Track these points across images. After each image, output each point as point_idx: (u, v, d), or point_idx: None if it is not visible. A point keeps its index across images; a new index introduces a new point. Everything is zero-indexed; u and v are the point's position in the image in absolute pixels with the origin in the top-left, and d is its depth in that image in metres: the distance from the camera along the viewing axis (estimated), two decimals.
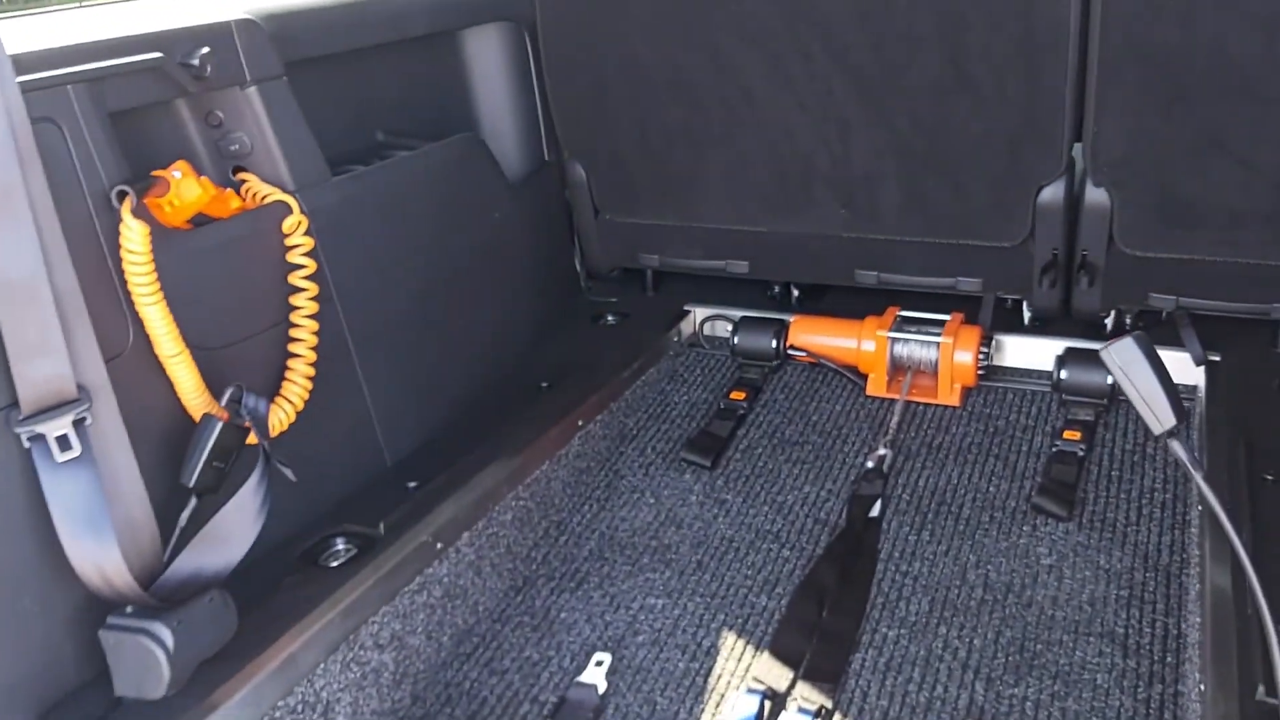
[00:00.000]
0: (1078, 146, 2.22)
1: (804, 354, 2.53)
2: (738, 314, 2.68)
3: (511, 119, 2.55)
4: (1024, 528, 2.00)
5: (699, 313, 2.74)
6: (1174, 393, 1.57)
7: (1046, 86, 2.13)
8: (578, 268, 2.82)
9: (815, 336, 2.53)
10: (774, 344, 2.54)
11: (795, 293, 2.75)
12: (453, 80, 2.47)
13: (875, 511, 2.07)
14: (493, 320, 2.34)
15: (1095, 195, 2.23)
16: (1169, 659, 1.70)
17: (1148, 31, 2.01)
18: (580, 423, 2.25)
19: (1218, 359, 2.28)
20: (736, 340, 2.57)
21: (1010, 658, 1.73)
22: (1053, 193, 2.26)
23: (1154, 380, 1.54)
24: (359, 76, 2.17)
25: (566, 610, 1.91)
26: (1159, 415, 1.55)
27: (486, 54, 2.49)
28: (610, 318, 2.71)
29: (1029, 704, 1.64)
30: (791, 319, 2.57)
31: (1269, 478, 1.81)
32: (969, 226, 2.36)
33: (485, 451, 2.01)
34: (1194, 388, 2.30)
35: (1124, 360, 1.51)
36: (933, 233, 2.40)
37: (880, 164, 2.34)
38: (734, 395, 2.46)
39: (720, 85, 2.36)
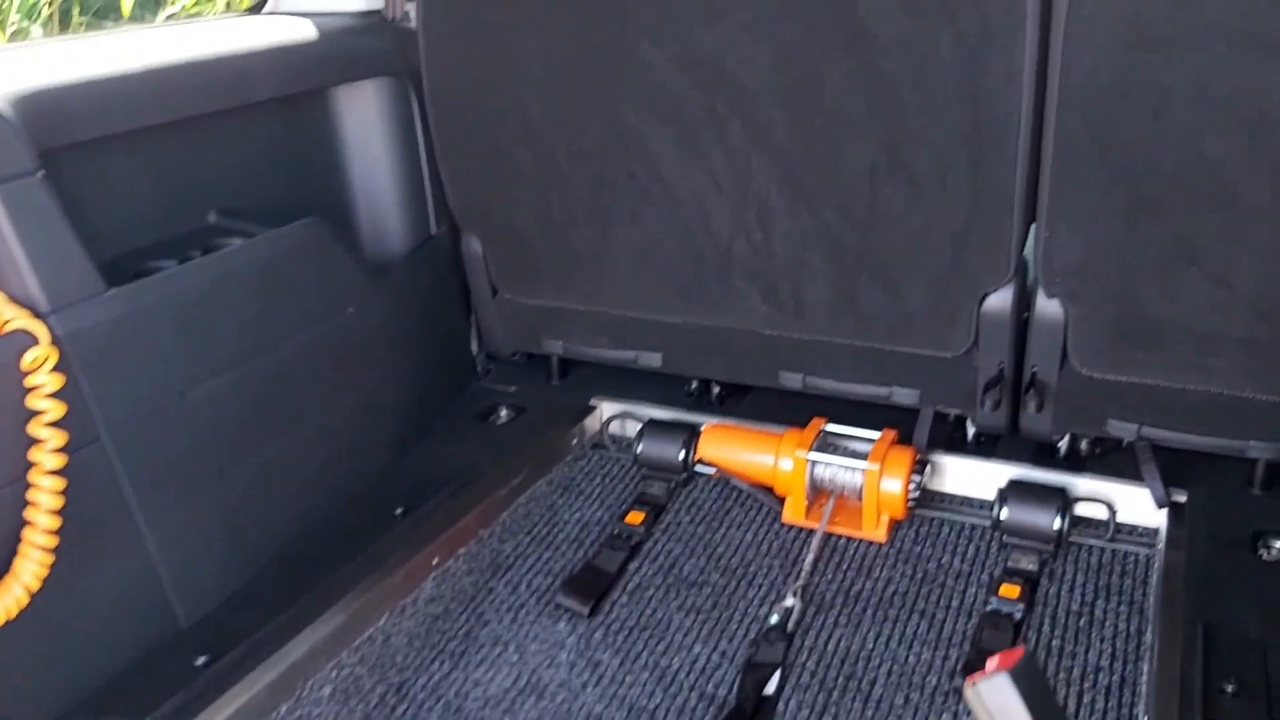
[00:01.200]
0: (1030, 249, 1.90)
1: (714, 470, 2.21)
2: (650, 412, 2.36)
3: (393, 188, 2.23)
4: (943, 716, 1.68)
5: (606, 409, 2.42)
6: None
7: (994, 182, 1.80)
8: (473, 351, 2.49)
9: (728, 450, 2.20)
10: (682, 455, 2.21)
11: (716, 389, 2.43)
12: (319, 146, 2.15)
13: (772, 686, 1.74)
14: (341, 436, 2.01)
15: (1048, 307, 1.91)
16: None
17: (1112, 125, 1.69)
18: (437, 560, 1.93)
19: (1183, 500, 1.96)
20: (641, 448, 2.25)
21: None
22: (1000, 300, 1.94)
23: None
24: (188, 149, 1.85)
25: None
26: None
27: (363, 115, 2.17)
28: (504, 413, 2.39)
29: None
30: (703, 426, 2.25)
31: (1228, 689, 1.49)
32: (905, 332, 2.04)
33: (304, 608, 1.69)
34: (1154, 532, 1.98)
35: (994, 704, 1.12)
36: (865, 336, 2.08)
37: (806, 256, 2.02)
38: (630, 518, 2.13)
39: (627, 159, 2.04)
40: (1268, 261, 1.70)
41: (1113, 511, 1.99)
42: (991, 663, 1.11)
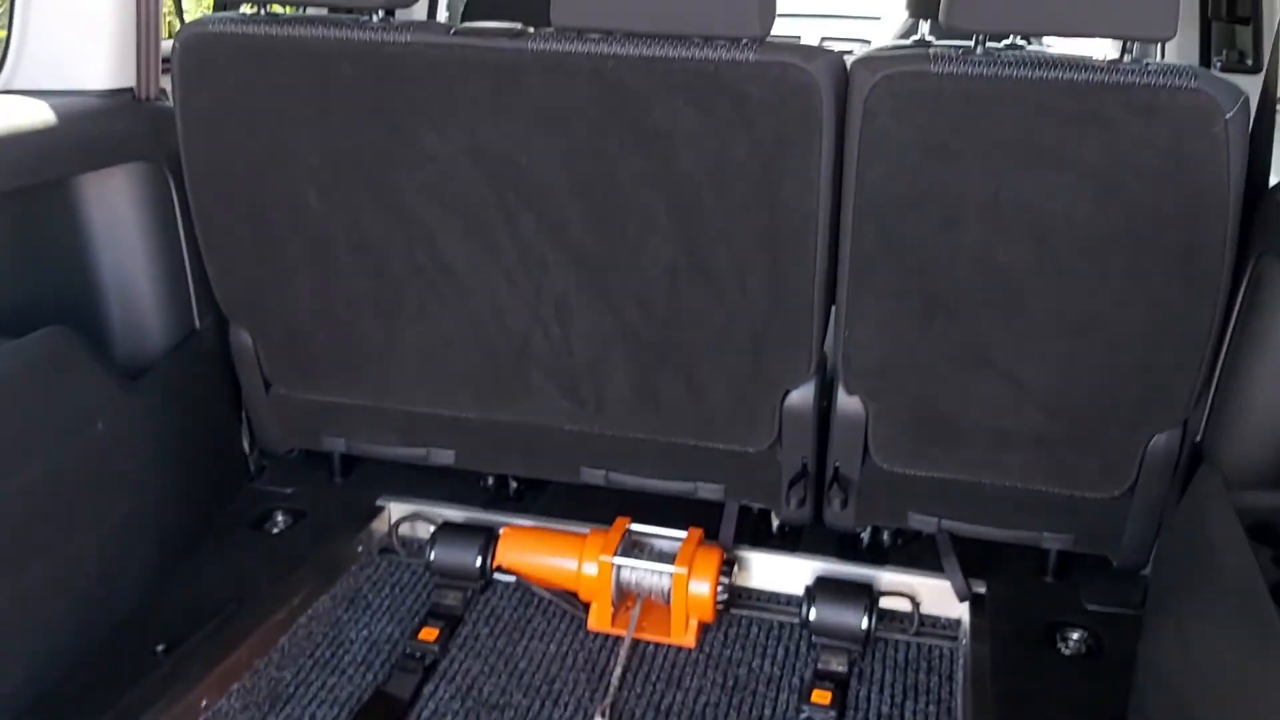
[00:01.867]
0: (831, 347, 1.88)
1: (514, 577, 2.09)
2: (442, 512, 2.22)
3: (150, 283, 2.00)
4: None
5: (395, 509, 2.26)
6: None
7: (793, 283, 1.77)
8: (245, 449, 2.28)
9: (528, 555, 2.08)
10: (479, 561, 2.08)
11: (514, 484, 2.31)
12: (63, 243, 1.91)
13: None
14: (94, 566, 1.78)
15: (849, 404, 1.89)
16: None
17: (905, 231, 1.69)
18: (205, 702, 1.72)
19: (983, 591, 1.98)
20: (434, 555, 2.10)
21: None
22: (801, 397, 1.91)
23: None
24: None
25: None
26: None
27: (114, 205, 1.94)
28: (280, 518, 2.19)
29: None
30: (501, 530, 2.12)
31: None
32: (709, 428, 1.98)
33: None
34: (957, 623, 1.99)
35: None
36: (668, 432, 2.01)
37: (607, 352, 1.93)
38: (424, 634, 1.98)
39: (414, 252, 1.90)
40: (1055, 364, 1.73)
41: (916, 604, 1.99)
42: None
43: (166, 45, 2.09)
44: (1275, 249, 1.55)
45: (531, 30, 1.73)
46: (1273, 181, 1.66)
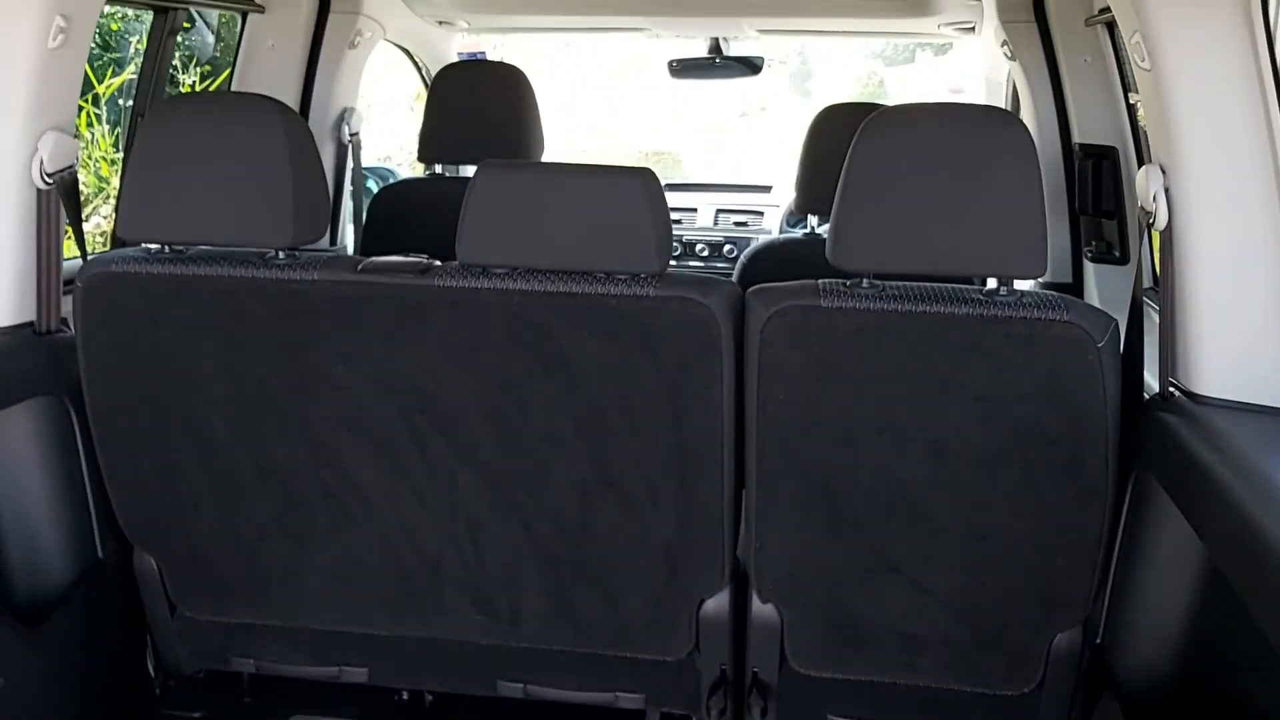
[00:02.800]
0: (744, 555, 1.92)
1: None
2: None
3: (51, 517, 1.96)
4: None
5: None
6: None
7: (703, 498, 1.81)
8: (151, 673, 2.21)
9: None
10: None
11: (430, 698, 2.27)
12: None
13: None
14: None
15: (764, 611, 1.92)
16: None
17: (808, 450, 1.74)
18: None
19: None
20: None
21: None
22: (717, 605, 1.93)
23: None
24: None
25: None
26: None
27: (12, 443, 1.90)
28: None
29: None
30: None
31: None
32: (625, 638, 1.98)
33: None
34: None
35: None
36: (586, 643, 2.00)
37: (520, 567, 1.93)
38: None
39: (322, 477, 1.90)
40: (958, 570, 1.79)
41: None
42: None
43: (69, 265, 2.10)
44: (1151, 465, 1.64)
45: (438, 264, 1.78)
46: (1151, 388, 1.77)
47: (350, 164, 3.35)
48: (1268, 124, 1.60)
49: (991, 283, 1.64)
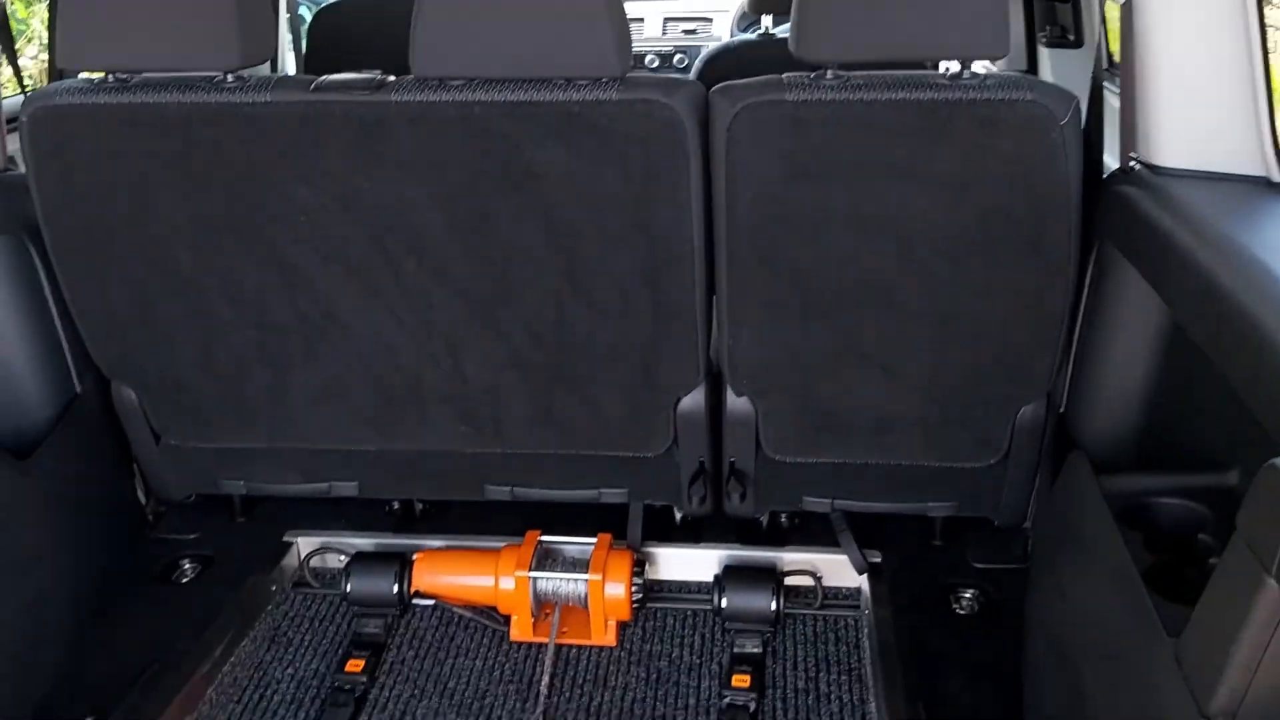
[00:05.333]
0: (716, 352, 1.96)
1: (432, 600, 2.14)
2: (351, 541, 2.24)
3: (23, 355, 1.96)
4: None
5: (303, 544, 2.27)
6: None
7: (674, 300, 1.84)
8: (141, 501, 2.26)
9: (445, 577, 2.13)
10: (396, 588, 2.12)
11: (420, 506, 2.35)
12: None
13: None
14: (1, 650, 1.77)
15: (738, 404, 1.98)
16: None
17: (777, 246, 1.76)
18: None
19: (879, 560, 2.11)
20: (350, 587, 2.13)
21: None
22: (693, 402, 1.99)
23: None
24: None
25: None
26: None
27: None
28: (187, 566, 2.19)
29: None
30: (415, 556, 2.16)
31: None
32: (607, 438, 2.05)
33: None
34: (858, 592, 2.12)
35: None
36: (568, 445, 2.07)
37: (500, 378, 1.97)
38: (351, 665, 2.02)
39: (295, 302, 1.90)
40: (926, 353, 1.85)
41: (818, 580, 2.11)
42: None
43: (10, 103, 2.02)
44: (1113, 237, 1.68)
45: (392, 79, 1.73)
46: (1110, 167, 1.79)
47: None
48: None
49: (954, 68, 1.63)
